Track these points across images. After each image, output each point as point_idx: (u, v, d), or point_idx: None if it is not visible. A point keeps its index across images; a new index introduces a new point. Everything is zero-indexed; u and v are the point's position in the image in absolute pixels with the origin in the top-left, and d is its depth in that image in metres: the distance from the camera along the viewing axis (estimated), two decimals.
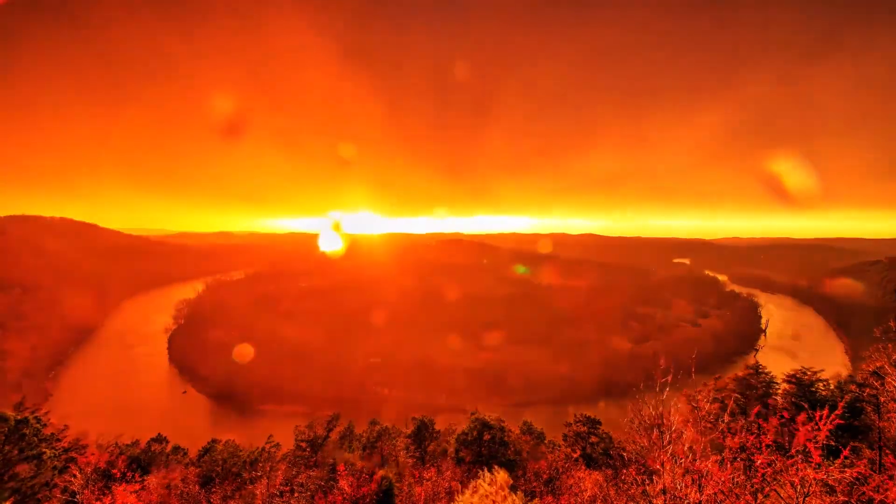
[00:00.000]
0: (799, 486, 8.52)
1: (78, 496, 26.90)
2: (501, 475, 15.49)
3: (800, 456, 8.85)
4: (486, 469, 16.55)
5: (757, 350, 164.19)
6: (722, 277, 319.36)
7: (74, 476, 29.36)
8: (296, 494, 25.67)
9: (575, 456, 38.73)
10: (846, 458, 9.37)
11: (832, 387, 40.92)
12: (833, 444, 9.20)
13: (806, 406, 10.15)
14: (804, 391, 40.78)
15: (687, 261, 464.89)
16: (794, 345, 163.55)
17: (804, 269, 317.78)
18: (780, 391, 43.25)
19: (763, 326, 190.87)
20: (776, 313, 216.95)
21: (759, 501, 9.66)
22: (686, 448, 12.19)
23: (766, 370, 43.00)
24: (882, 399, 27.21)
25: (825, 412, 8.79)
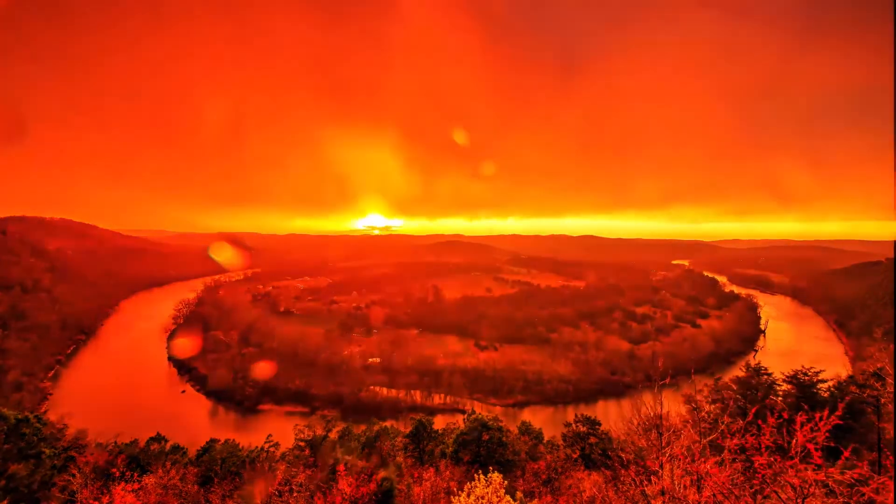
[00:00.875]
0: (798, 488, 8.50)
1: (77, 495, 26.85)
2: (497, 476, 15.48)
3: (799, 457, 8.83)
4: (481, 471, 16.52)
5: (756, 351, 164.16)
6: (721, 278, 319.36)
7: (73, 475, 29.35)
8: (295, 494, 25.62)
9: (574, 456, 38.72)
10: (847, 458, 9.35)
11: (832, 388, 40.91)
12: (833, 445, 9.16)
13: (805, 407, 10.13)
14: (804, 392, 40.77)
15: (686, 262, 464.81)
16: (793, 345, 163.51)
17: (804, 271, 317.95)
18: (780, 392, 43.24)
19: (762, 327, 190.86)
20: (776, 314, 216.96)
21: (758, 502, 9.63)
22: (685, 449, 12.17)
23: (767, 371, 42.92)
24: (882, 400, 27.22)
25: (825, 413, 8.77)
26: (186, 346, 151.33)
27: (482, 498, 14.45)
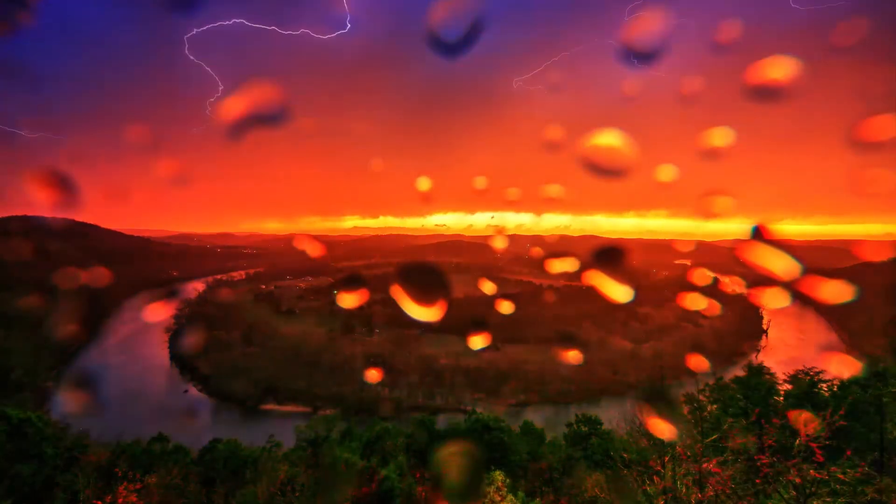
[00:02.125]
0: (801, 487, 8.48)
1: (80, 495, 26.92)
2: (499, 475, 15.54)
3: (801, 457, 8.81)
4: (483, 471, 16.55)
5: (759, 350, 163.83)
6: (724, 278, 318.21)
7: (76, 475, 29.40)
8: (297, 494, 25.69)
9: (576, 456, 38.72)
10: (848, 458, 9.33)
11: (834, 387, 40.77)
12: (835, 444, 9.15)
13: (808, 407, 10.14)
14: (806, 392, 40.65)
15: (688, 261, 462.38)
16: (795, 344, 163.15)
17: (805, 270, 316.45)
18: (781, 392, 43.16)
19: (764, 327, 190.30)
20: (777, 314, 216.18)
21: (760, 502, 9.62)
22: (687, 449, 12.15)
23: (769, 370, 42.81)
24: (885, 400, 27.18)
25: (828, 413, 8.77)
26: (188, 345, 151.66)
27: (485, 496, 14.49)
